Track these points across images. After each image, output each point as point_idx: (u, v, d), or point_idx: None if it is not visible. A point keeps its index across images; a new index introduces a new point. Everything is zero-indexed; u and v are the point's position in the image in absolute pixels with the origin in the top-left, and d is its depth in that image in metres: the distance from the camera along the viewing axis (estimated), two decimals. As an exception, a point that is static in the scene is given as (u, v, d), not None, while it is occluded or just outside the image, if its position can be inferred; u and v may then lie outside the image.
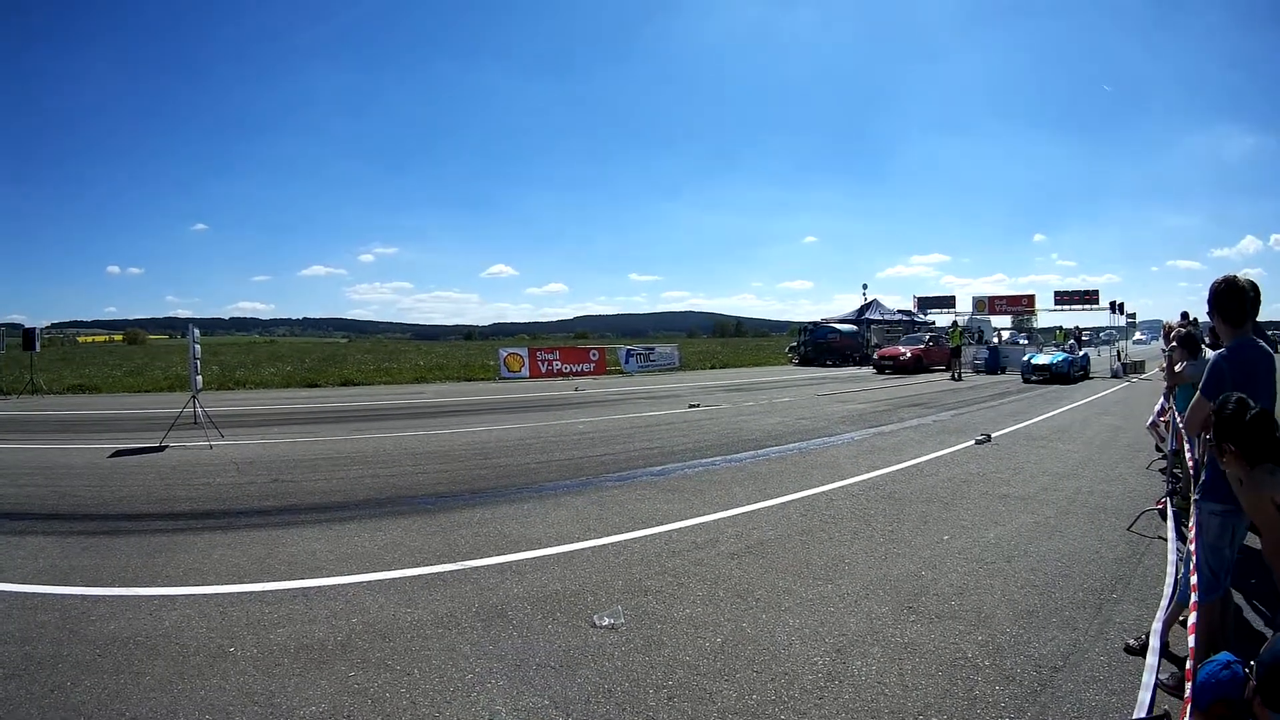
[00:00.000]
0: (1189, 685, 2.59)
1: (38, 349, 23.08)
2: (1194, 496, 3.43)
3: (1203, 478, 3.36)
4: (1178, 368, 6.46)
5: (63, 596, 4.55)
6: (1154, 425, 8.65)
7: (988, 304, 41.97)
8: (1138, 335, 44.55)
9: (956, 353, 27.04)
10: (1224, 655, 2.38)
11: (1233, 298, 3.40)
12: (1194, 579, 3.03)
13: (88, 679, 3.43)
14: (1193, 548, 3.26)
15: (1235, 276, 3.47)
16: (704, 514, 6.51)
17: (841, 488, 7.65)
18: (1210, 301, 3.48)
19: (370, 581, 4.83)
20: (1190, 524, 3.47)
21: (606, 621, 4.10)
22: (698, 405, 16.50)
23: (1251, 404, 2.84)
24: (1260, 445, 2.73)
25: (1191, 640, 2.72)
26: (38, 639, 3.91)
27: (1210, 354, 4.33)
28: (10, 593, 4.62)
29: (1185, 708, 2.58)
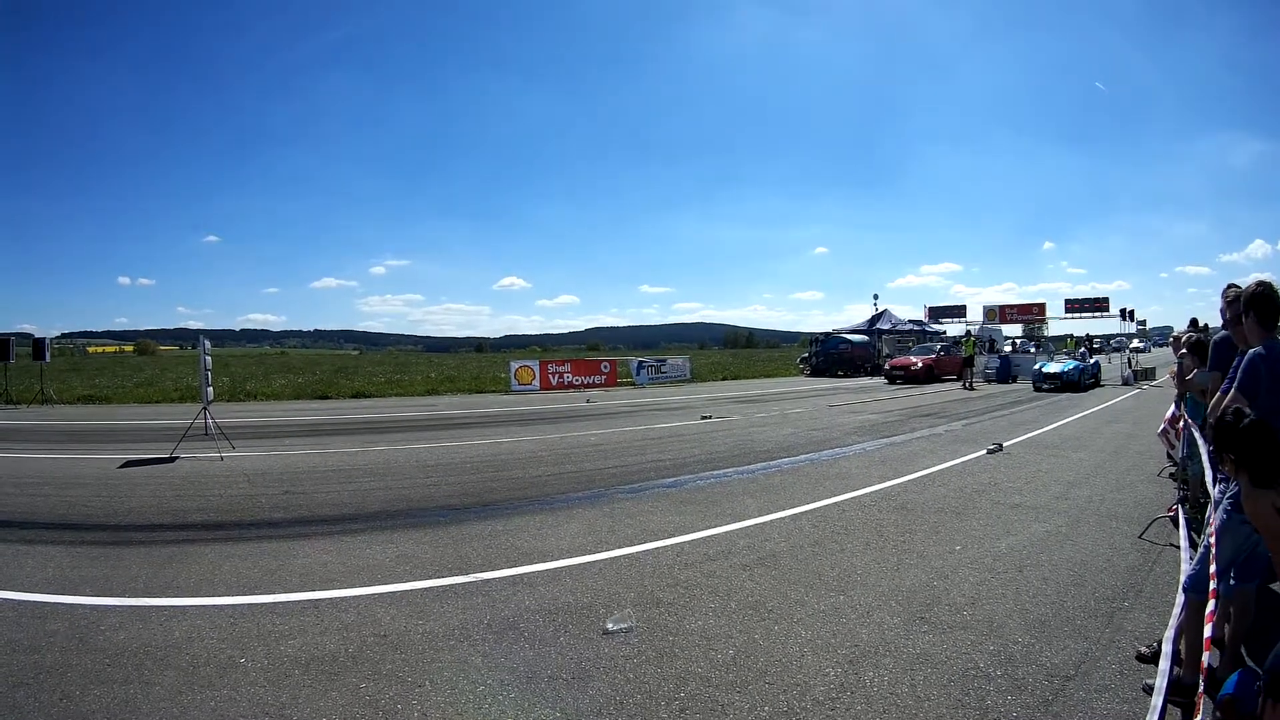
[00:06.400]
0: (1202, 680, 2.58)
1: (48, 359, 23.30)
2: (1224, 502, 3.41)
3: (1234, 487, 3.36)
4: (1189, 376, 6.41)
5: (72, 606, 4.56)
6: (1165, 432, 8.57)
7: (998, 313, 41.71)
8: (1135, 344, 43.15)
9: (969, 362, 26.97)
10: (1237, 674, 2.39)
11: (1273, 301, 3.53)
12: (1213, 567, 3.03)
13: (97, 689, 3.44)
14: (1212, 542, 3.26)
15: (1269, 282, 3.59)
16: (716, 526, 6.49)
17: (853, 499, 7.61)
18: (1247, 302, 3.60)
19: (382, 593, 4.82)
20: (1209, 522, 3.46)
21: (617, 626, 4.09)
22: (709, 417, 16.48)
23: (1247, 413, 2.88)
24: (1254, 454, 2.77)
25: (1208, 630, 2.72)
26: (47, 648, 3.92)
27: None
28: (20, 601, 4.64)
29: (1199, 704, 2.57)
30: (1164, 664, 3.01)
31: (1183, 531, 5.03)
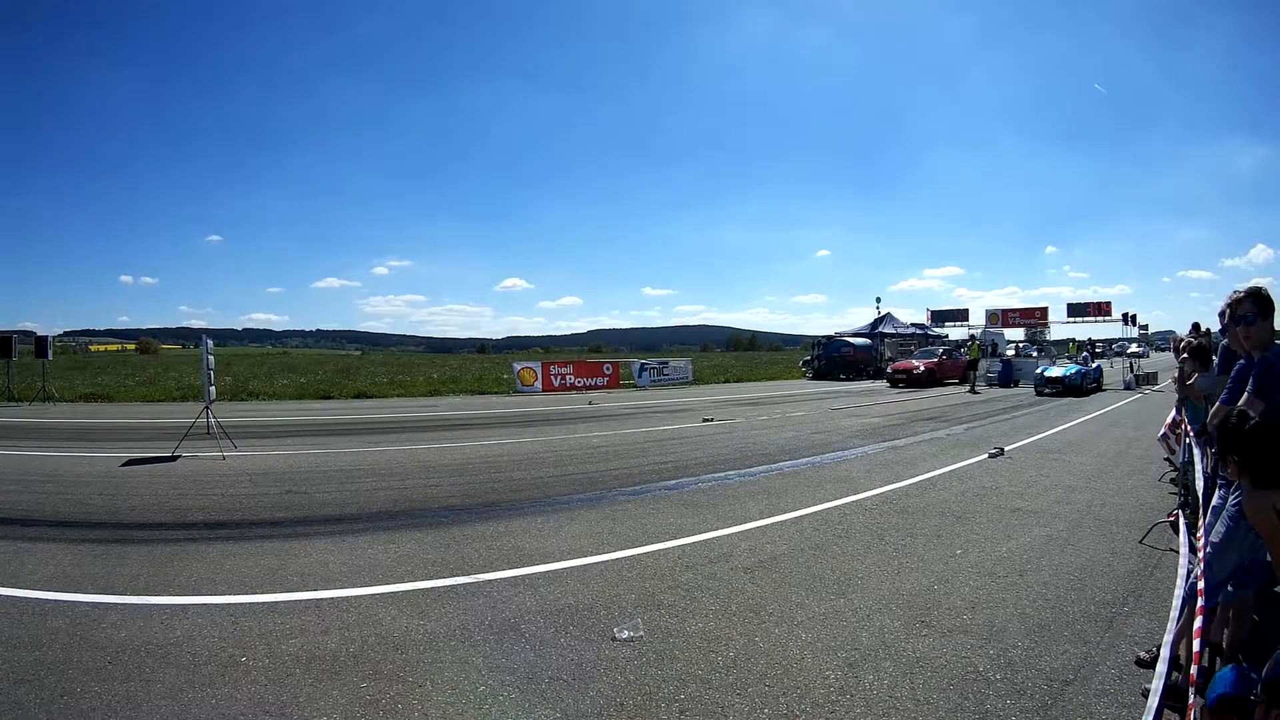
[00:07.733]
0: (1191, 687, 2.59)
1: (50, 357, 23.30)
2: (1229, 509, 3.41)
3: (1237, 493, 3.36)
4: (1190, 381, 6.39)
5: (74, 603, 4.58)
6: (1165, 437, 8.56)
7: (1001, 317, 41.75)
8: (1133, 348, 42.51)
9: (973, 366, 26.95)
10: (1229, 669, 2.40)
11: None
12: (1201, 584, 3.04)
13: (98, 686, 3.45)
14: (1205, 552, 3.26)
15: (1262, 285, 3.59)
16: (717, 528, 6.49)
17: (855, 502, 7.61)
18: (1260, 301, 3.54)
19: (383, 593, 4.83)
20: (1202, 526, 3.47)
21: (626, 634, 4.09)
22: (711, 419, 16.48)
23: (1252, 416, 2.89)
24: (1258, 456, 2.79)
25: (1196, 645, 2.73)
26: (48, 645, 3.93)
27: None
28: (21, 599, 4.66)
29: (1191, 708, 2.58)
30: (1161, 666, 3.02)
31: (1183, 536, 5.03)
